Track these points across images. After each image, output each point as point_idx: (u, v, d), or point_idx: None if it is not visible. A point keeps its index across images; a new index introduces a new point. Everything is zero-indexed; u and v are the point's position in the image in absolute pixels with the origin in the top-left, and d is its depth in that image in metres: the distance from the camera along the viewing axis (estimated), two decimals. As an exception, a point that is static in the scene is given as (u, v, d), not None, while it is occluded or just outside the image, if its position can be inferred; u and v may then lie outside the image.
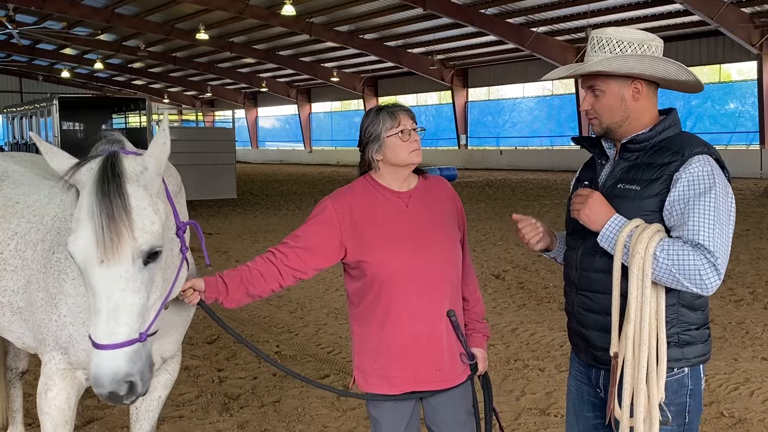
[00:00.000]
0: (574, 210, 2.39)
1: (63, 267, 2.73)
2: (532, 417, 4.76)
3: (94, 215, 2.13)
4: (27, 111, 17.69)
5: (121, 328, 2.13)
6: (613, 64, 2.33)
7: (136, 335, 2.16)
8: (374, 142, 2.68)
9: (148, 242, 2.16)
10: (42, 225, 2.93)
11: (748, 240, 11.56)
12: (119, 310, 2.13)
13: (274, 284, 2.66)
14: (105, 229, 2.11)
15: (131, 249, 2.13)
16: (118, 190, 2.15)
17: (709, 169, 2.26)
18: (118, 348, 2.13)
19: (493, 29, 27.17)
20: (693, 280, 2.16)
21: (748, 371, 5.53)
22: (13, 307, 2.96)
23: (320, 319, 7.42)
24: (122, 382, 2.14)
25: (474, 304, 2.91)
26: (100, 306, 2.14)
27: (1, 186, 3.31)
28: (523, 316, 7.34)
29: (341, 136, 45.24)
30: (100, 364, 2.13)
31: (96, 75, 47.51)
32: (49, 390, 2.77)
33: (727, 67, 28.23)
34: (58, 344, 2.74)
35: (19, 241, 2.96)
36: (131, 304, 2.15)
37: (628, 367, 2.29)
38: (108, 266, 2.12)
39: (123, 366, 2.13)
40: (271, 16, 28.47)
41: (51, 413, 2.77)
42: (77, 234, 2.17)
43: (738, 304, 7.61)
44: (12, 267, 2.95)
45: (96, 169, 2.20)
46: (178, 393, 5.33)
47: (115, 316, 2.13)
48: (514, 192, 21.67)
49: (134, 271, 2.14)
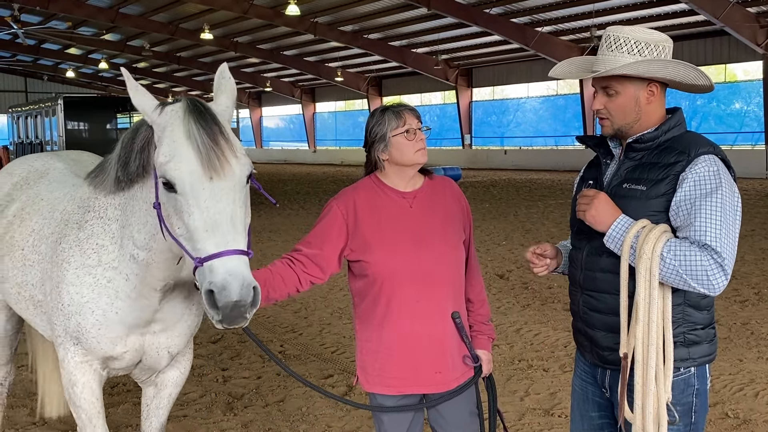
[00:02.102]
0: (580, 211, 2.38)
1: (66, 256, 2.79)
2: (536, 417, 4.75)
3: (195, 138, 2.19)
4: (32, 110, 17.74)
5: (240, 236, 2.17)
6: (640, 68, 2.33)
7: (247, 248, 2.18)
8: (380, 142, 2.68)
9: (247, 164, 2.26)
10: (53, 219, 3.03)
11: (753, 240, 11.52)
12: (236, 220, 2.18)
13: (292, 289, 2.66)
14: (209, 147, 2.18)
15: (237, 167, 2.22)
16: (213, 118, 2.26)
17: (715, 169, 2.25)
18: (242, 255, 2.14)
19: (498, 29, 27.13)
20: (700, 280, 2.15)
21: (753, 372, 5.51)
22: (34, 300, 3.05)
23: (324, 318, 7.42)
24: (250, 287, 2.13)
25: (479, 305, 2.90)
26: (217, 219, 2.16)
27: (38, 183, 3.45)
28: (527, 317, 7.33)
29: (345, 135, 45.23)
30: (230, 270, 2.10)
31: (101, 75, 47.57)
32: (75, 385, 2.86)
33: (732, 67, 28.13)
34: (69, 334, 2.80)
35: (36, 237, 3.07)
36: (242, 217, 2.22)
37: (638, 368, 2.28)
38: (218, 181, 2.17)
39: (248, 272, 2.14)
40: (275, 15, 28.48)
41: (83, 406, 2.88)
42: (178, 159, 2.20)
43: (743, 305, 7.59)
44: (30, 262, 3.06)
45: (182, 108, 2.28)
46: (183, 392, 5.33)
47: (234, 225, 2.16)
48: (519, 192, 21.64)
49: (239, 186, 2.22)
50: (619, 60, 2.34)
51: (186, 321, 2.89)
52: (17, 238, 3.19)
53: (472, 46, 32.17)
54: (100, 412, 2.91)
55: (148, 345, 2.86)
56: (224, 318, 2.12)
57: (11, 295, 3.25)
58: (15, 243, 3.19)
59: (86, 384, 2.86)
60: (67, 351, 2.84)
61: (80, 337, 2.78)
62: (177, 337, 2.88)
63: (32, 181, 3.52)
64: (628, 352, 2.31)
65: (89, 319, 2.73)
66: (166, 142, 2.26)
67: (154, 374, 3.07)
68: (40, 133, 16.87)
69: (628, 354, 2.31)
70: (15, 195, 3.50)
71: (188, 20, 31.38)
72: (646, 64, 2.32)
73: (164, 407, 3.13)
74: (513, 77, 34.82)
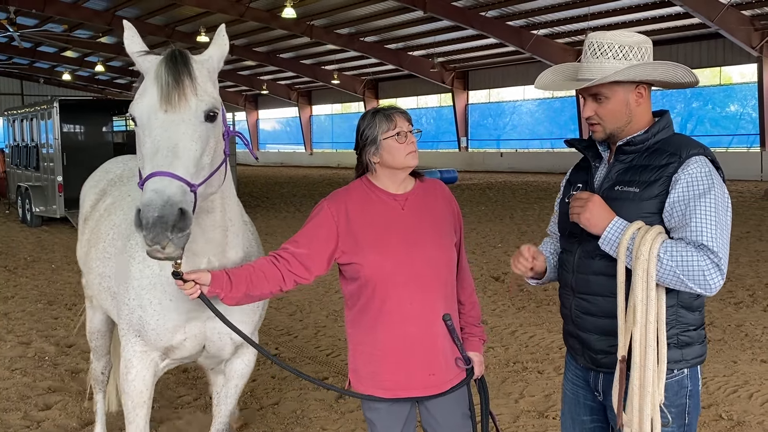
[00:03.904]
0: (574, 214, 2.38)
1: (132, 252, 2.94)
2: (531, 419, 4.75)
3: (161, 78, 2.30)
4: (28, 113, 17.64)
5: (179, 162, 2.21)
6: (632, 73, 2.33)
7: (189, 179, 2.21)
8: (371, 145, 2.68)
9: (209, 102, 2.33)
10: (128, 216, 3.20)
11: (748, 242, 11.55)
12: (178, 148, 2.23)
13: (275, 287, 2.65)
14: (171, 85, 2.28)
15: (194, 102, 2.30)
16: (184, 62, 2.34)
17: (707, 170, 2.26)
18: (175, 178, 2.18)
19: (494, 32, 27.17)
20: (697, 281, 2.16)
21: (747, 374, 5.52)
22: (111, 291, 3.22)
23: (319, 321, 7.42)
24: (175, 207, 2.13)
25: (470, 307, 2.90)
26: (159, 145, 2.22)
27: (130, 181, 3.70)
28: (522, 319, 7.33)
29: (342, 138, 45.22)
30: (156, 188, 2.14)
31: (97, 78, 47.49)
32: (129, 372, 2.98)
33: (727, 70, 28.20)
34: (131, 327, 2.94)
35: (115, 232, 3.30)
36: (189, 149, 2.25)
37: (635, 370, 2.28)
38: (171, 114, 2.27)
39: (178, 193, 2.16)
40: (271, 18, 28.47)
41: (131, 394, 3.00)
42: (142, 96, 2.33)
43: (737, 307, 7.60)
44: (108, 255, 3.27)
45: (162, 55, 2.38)
46: (177, 395, 5.33)
47: (174, 152, 2.22)
48: (515, 194, 21.66)
49: (195, 120, 2.28)
50: (606, 66, 2.35)
51: (244, 308, 2.93)
52: (102, 232, 3.44)
53: (468, 49, 32.20)
54: (145, 402, 3.02)
55: (209, 331, 2.94)
56: (147, 236, 2.13)
57: (94, 286, 3.45)
58: (100, 236, 3.44)
59: (139, 373, 2.98)
60: (128, 341, 2.98)
61: (141, 330, 2.89)
62: (239, 324, 2.90)
63: (125, 178, 3.82)
64: (625, 355, 2.31)
65: (149, 312, 2.84)
66: (141, 85, 2.41)
67: (222, 363, 3.20)
68: (36, 136, 16.80)
69: (625, 357, 2.31)
70: (108, 191, 3.83)
71: (185, 23, 31.35)
72: (639, 68, 2.33)
73: (231, 396, 3.30)
74: (509, 80, 34.86)
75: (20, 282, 9.72)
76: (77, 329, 5.68)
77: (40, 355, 6.37)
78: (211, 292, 2.54)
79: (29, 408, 5.05)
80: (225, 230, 2.71)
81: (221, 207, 2.65)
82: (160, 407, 5.07)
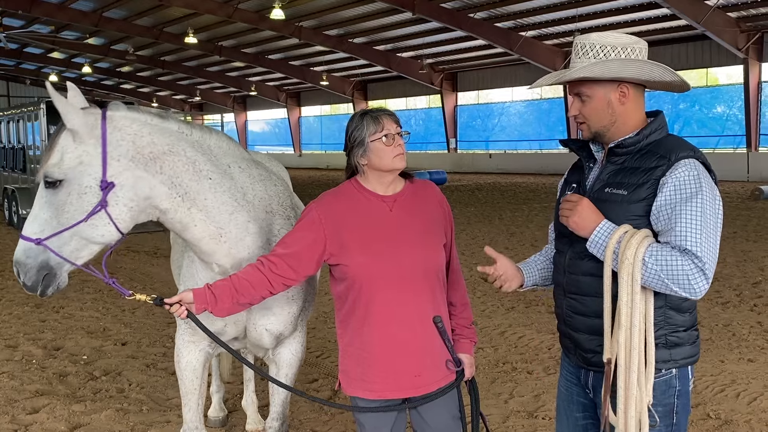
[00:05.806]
0: (563, 216, 2.39)
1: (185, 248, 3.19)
2: (520, 420, 4.76)
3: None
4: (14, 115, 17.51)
5: (27, 226, 2.70)
6: (596, 70, 2.34)
7: (33, 237, 2.65)
8: (359, 147, 2.68)
9: (44, 171, 2.70)
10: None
11: (734, 242, 11.63)
12: (31, 213, 2.72)
13: (264, 292, 2.66)
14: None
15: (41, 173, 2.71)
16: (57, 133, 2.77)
17: (695, 173, 2.25)
18: (21, 238, 2.69)
19: (482, 33, 27.26)
20: (682, 284, 2.17)
21: (734, 373, 5.56)
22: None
23: (309, 323, 7.40)
24: (15, 263, 2.70)
25: (461, 309, 2.90)
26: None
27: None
28: (511, 319, 7.35)
29: (331, 139, 45.21)
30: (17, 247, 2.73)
31: (84, 79, 47.22)
32: (179, 362, 3.28)
33: (714, 71, 28.44)
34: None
35: None
36: (38, 213, 2.71)
37: (621, 373, 2.29)
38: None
39: (18, 251, 2.70)
40: (260, 20, 28.43)
41: (183, 380, 3.28)
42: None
43: (725, 307, 7.66)
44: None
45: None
46: (166, 398, 5.30)
47: (29, 217, 2.72)
48: (504, 195, 21.72)
49: (42, 188, 2.71)
50: (585, 65, 2.37)
51: (280, 303, 3.07)
52: None
53: (456, 50, 32.29)
54: (197, 389, 3.28)
55: (246, 321, 3.11)
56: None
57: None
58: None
59: (189, 363, 3.25)
60: (179, 330, 3.25)
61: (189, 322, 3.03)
62: (273, 316, 3.10)
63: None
64: (611, 357, 2.32)
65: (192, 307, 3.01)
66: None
67: (268, 351, 3.33)
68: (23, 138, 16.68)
69: (611, 359, 2.32)
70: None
71: (172, 24, 31.25)
72: (602, 65, 2.33)
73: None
74: (497, 81, 35.00)
75: (7, 285, 9.65)
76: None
77: (27, 358, 6.33)
78: (199, 309, 2.62)
79: (17, 411, 5.01)
80: (216, 237, 2.85)
81: (199, 220, 2.82)
82: (148, 410, 5.05)
